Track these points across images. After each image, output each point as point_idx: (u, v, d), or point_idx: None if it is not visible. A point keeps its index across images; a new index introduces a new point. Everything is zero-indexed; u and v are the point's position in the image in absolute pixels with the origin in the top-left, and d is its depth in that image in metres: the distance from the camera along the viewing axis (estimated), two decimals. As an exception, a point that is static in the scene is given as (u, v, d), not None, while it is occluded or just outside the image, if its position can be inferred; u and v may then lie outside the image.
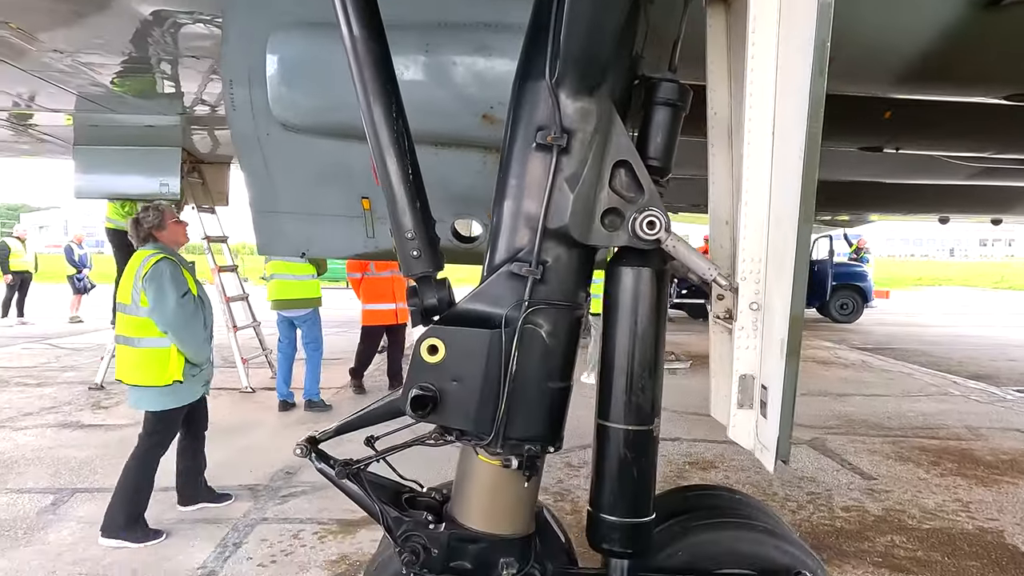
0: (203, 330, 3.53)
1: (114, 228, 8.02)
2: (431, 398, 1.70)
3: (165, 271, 3.42)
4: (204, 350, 3.56)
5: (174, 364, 3.43)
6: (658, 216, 1.69)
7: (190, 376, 3.52)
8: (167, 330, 3.39)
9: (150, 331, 3.42)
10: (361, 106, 1.79)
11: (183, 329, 3.40)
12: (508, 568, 1.77)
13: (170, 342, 3.41)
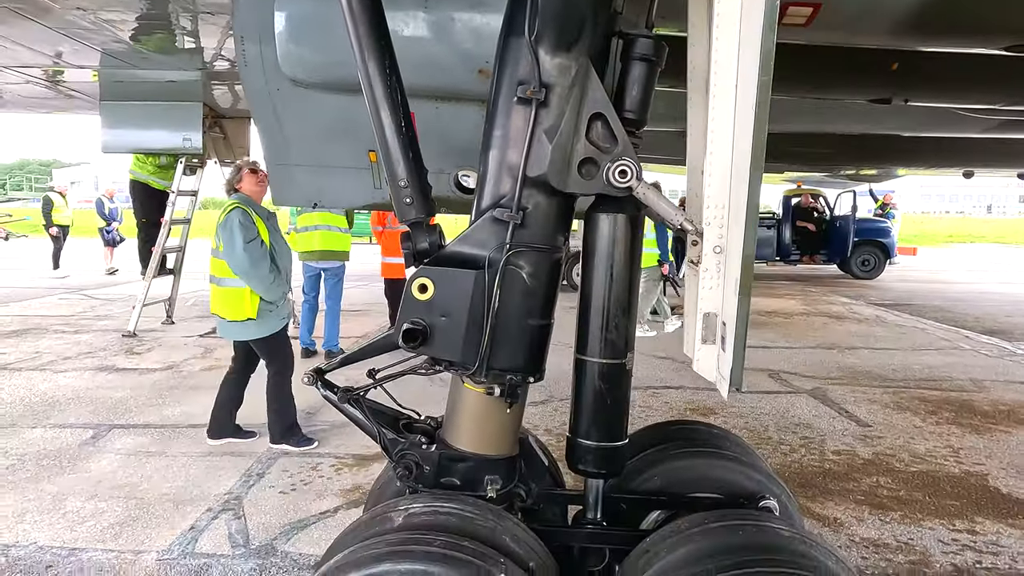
0: (269, 273, 3.83)
1: (134, 180, 8.28)
2: (421, 332, 1.88)
3: (234, 219, 3.80)
4: (272, 291, 3.87)
5: (248, 302, 3.83)
6: (630, 165, 1.82)
7: (266, 312, 3.90)
8: (236, 272, 3.80)
9: (230, 273, 3.84)
10: (357, 63, 1.92)
11: (250, 271, 3.77)
12: (492, 484, 1.97)
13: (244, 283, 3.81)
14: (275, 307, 3.95)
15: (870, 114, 6.05)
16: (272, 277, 3.86)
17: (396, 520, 1.77)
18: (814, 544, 1.73)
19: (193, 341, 7.19)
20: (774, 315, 9.38)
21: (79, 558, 2.83)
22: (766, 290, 12.42)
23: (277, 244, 3.97)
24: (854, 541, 3.05)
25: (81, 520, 3.16)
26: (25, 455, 3.94)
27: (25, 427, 4.42)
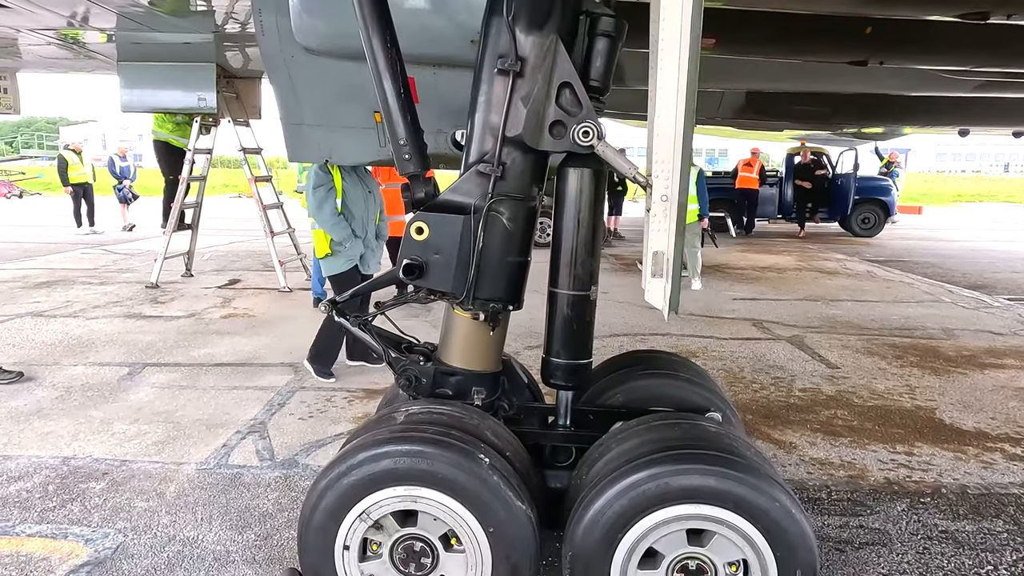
0: (331, 215, 4.29)
1: (156, 140, 8.66)
2: (418, 267, 2.25)
3: (313, 168, 4.31)
4: (334, 230, 4.31)
5: (324, 241, 4.36)
6: (592, 127, 2.15)
7: (336, 251, 4.38)
8: (308, 213, 4.40)
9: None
10: (362, 38, 2.25)
11: (315, 212, 4.30)
12: (479, 394, 2.37)
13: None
14: (342, 248, 4.37)
15: (859, 74, 6.26)
16: (333, 220, 4.29)
17: (398, 418, 2.18)
18: (738, 439, 2.13)
19: (212, 292, 7.63)
20: (767, 270, 9.70)
21: (130, 467, 3.29)
22: (764, 247, 12.71)
23: (351, 191, 4.36)
24: (803, 460, 3.47)
25: (128, 439, 3.62)
26: (71, 388, 4.41)
27: (67, 365, 4.88)
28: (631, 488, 1.91)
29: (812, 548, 1.89)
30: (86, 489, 3.07)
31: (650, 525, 1.91)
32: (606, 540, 1.93)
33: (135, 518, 2.83)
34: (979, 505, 3.03)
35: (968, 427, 3.92)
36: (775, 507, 1.87)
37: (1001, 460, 3.49)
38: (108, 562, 2.53)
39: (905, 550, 2.67)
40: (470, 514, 1.95)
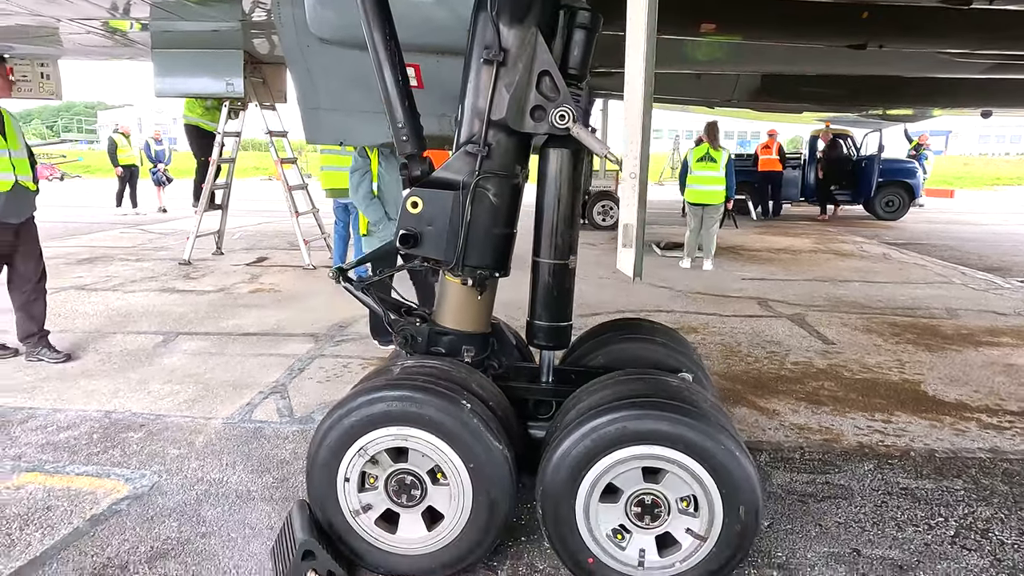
0: (364, 197, 4.57)
1: (187, 124, 9.08)
2: (412, 236, 2.52)
3: (354, 154, 4.62)
4: (370, 213, 4.62)
5: (363, 221, 4.70)
6: (568, 111, 2.38)
7: (371, 231, 4.66)
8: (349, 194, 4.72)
9: None
10: (364, 29, 2.51)
11: (353, 194, 4.62)
12: (468, 352, 2.63)
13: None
14: (377, 228, 4.63)
15: (870, 57, 6.33)
16: (367, 202, 4.58)
17: (395, 370, 2.47)
18: (696, 392, 2.37)
19: (241, 269, 8.03)
20: (782, 252, 9.79)
21: (164, 420, 3.65)
22: (783, 229, 12.74)
23: (387, 174, 4.60)
24: (783, 425, 3.68)
25: (162, 397, 3.99)
26: (111, 353, 4.81)
27: (108, 333, 5.29)
28: (593, 431, 2.17)
29: (754, 487, 2.13)
30: (125, 438, 3.44)
31: (609, 463, 2.17)
32: (571, 477, 2.19)
33: (168, 462, 3.19)
34: (943, 467, 3.22)
35: (950, 399, 4.09)
36: (720, 449, 2.11)
37: (975, 428, 3.67)
38: (145, 497, 2.88)
39: (864, 503, 2.89)
40: (453, 452, 2.22)
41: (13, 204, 4.33)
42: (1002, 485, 3.05)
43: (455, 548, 2.30)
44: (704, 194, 8.18)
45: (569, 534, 2.24)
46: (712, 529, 2.17)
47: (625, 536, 2.24)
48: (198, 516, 2.74)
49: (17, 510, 2.76)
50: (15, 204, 4.35)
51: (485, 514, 2.26)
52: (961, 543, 2.60)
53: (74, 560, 2.44)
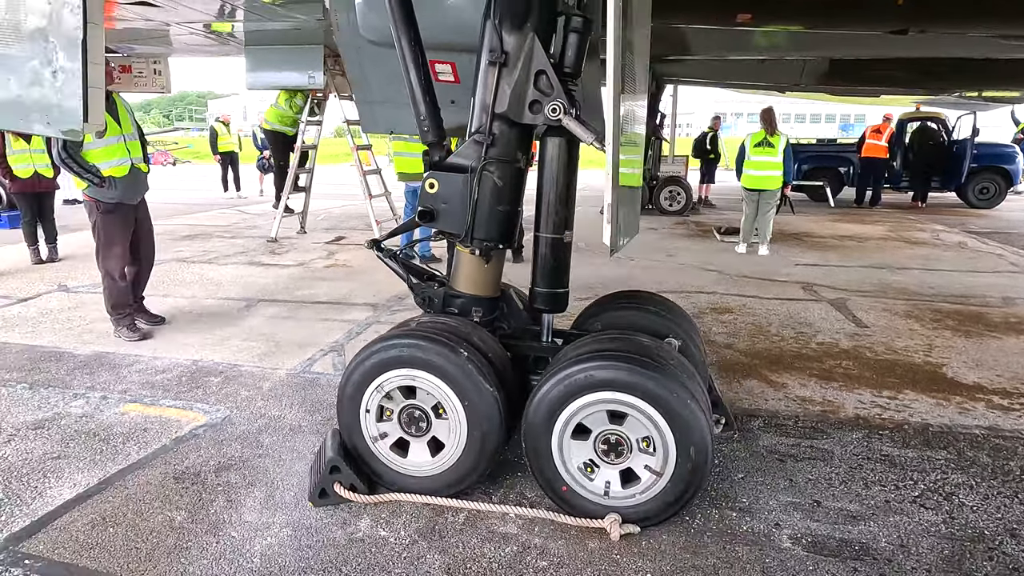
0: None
1: (268, 129, 10.05)
2: (429, 213, 2.97)
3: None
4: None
5: None
6: (559, 104, 2.73)
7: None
8: None
9: None
10: (392, 34, 2.96)
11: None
12: (477, 312, 3.06)
13: None
14: None
15: (929, 41, 6.25)
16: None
17: (412, 324, 2.94)
18: (666, 351, 2.71)
19: (320, 246, 8.81)
20: (848, 239, 9.63)
21: (239, 369, 4.32)
22: (859, 216, 12.40)
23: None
24: (787, 396, 3.91)
25: (239, 351, 4.67)
26: (202, 315, 5.58)
27: (202, 298, 6.10)
28: (566, 378, 2.55)
29: (703, 430, 2.46)
30: (207, 381, 4.11)
31: (579, 406, 2.55)
32: (547, 417, 2.59)
33: (239, 401, 3.82)
34: (932, 439, 3.38)
35: (968, 381, 4.16)
36: (673, 397, 2.45)
37: (982, 408, 3.76)
38: (218, 425, 3.51)
39: (841, 465, 3.12)
40: (452, 391, 2.67)
41: (132, 186, 4.74)
42: (986, 458, 3.19)
43: (454, 472, 2.76)
44: (760, 179, 8.22)
45: (546, 465, 2.64)
46: (667, 466, 2.52)
47: (595, 470, 2.63)
48: (258, 442, 3.33)
49: (121, 430, 3.45)
50: (133, 185, 4.75)
51: (478, 445, 2.70)
52: (922, 503, 2.81)
53: (161, 467, 3.08)
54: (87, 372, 4.25)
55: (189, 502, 2.79)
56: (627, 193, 2.79)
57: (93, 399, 3.83)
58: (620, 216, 2.70)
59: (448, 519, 2.69)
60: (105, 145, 4.51)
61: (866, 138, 14.27)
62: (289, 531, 2.60)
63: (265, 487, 2.92)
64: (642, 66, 3.04)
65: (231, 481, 2.97)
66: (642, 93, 3.04)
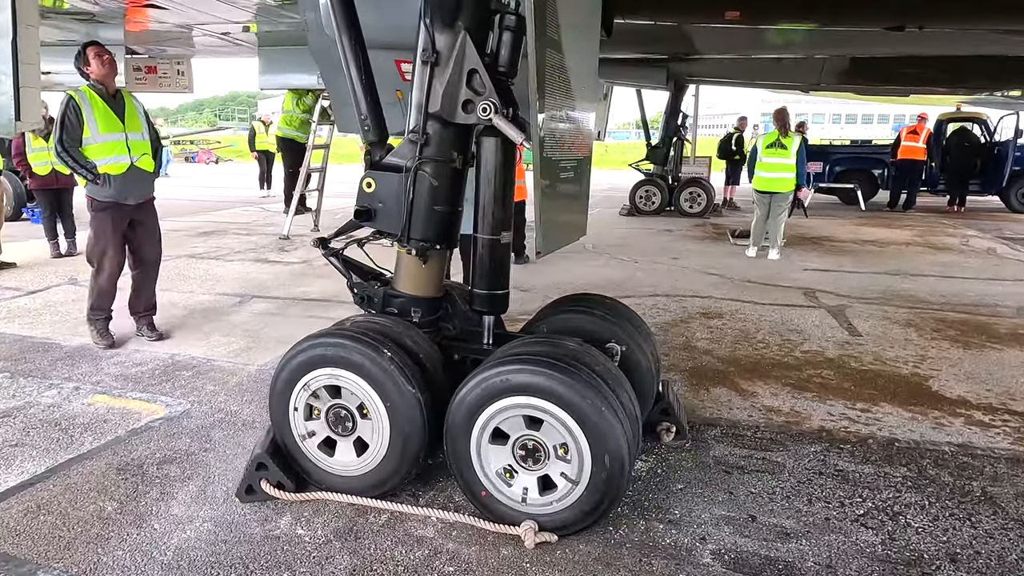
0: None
1: (280, 136, 10.31)
2: (366, 212, 2.97)
3: None
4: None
5: None
6: (490, 104, 2.69)
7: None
8: None
9: None
10: (335, 32, 2.96)
11: None
12: (416, 313, 3.04)
13: None
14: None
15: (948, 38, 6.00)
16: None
17: (347, 323, 2.94)
18: (593, 357, 2.64)
19: (328, 244, 8.92)
20: (868, 244, 9.29)
21: (212, 363, 4.40)
22: (887, 220, 11.97)
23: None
24: (752, 406, 3.78)
25: (218, 346, 4.76)
26: (195, 310, 5.71)
27: (199, 293, 6.25)
28: (483, 381, 2.52)
29: (618, 439, 2.39)
30: (178, 375, 4.20)
31: (495, 410, 2.51)
32: (466, 419, 2.56)
33: (202, 395, 3.89)
34: (894, 455, 3.22)
35: (952, 395, 3.95)
36: (587, 404, 2.39)
37: (959, 424, 3.57)
38: (175, 419, 3.58)
39: (789, 479, 3.00)
40: (374, 391, 2.66)
41: (129, 186, 4.52)
42: (948, 476, 3.03)
43: (377, 473, 2.74)
44: (772, 181, 8.00)
45: (466, 469, 2.61)
46: (582, 474, 2.45)
47: (513, 475, 2.58)
48: (208, 436, 3.39)
49: (83, 420, 3.55)
50: (131, 186, 4.53)
51: (400, 447, 2.68)
52: (864, 522, 2.68)
53: (108, 458, 3.16)
54: (69, 363, 4.39)
55: (124, 493, 2.85)
56: (562, 196, 2.74)
57: (66, 389, 3.96)
58: (551, 219, 2.64)
59: (369, 520, 2.68)
60: (103, 141, 4.42)
61: (901, 139, 13.75)
62: (210, 526, 2.63)
63: (201, 481, 2.96)
64: (586, 66, 2.97)
65: (170, 474, 3.02)
66: (586, 92, 2.97)
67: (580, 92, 2.89)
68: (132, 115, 4.61)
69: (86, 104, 4.38)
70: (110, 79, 4.51)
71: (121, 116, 4.54)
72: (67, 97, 4.36)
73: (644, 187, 12.52)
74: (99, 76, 4.45)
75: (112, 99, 4.52)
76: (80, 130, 4.37)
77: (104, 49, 4.48)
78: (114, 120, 4.49)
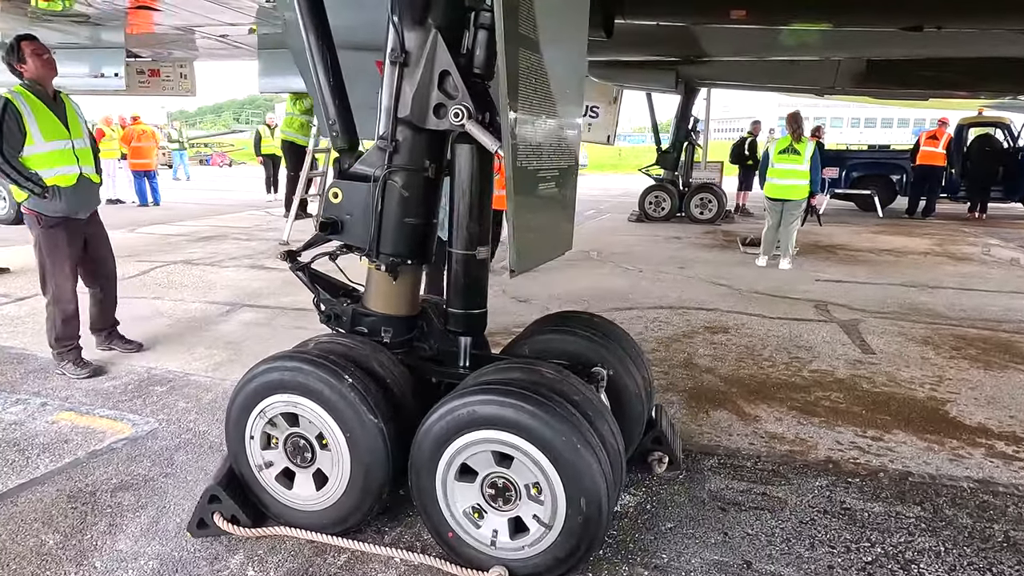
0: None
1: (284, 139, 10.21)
2: (332, 224, 2.76)
3: None
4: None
5: None
6: (462, 109, 2.47)
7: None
8: None
9: None
10: (301, 31, 2.76)
11: None
12: (387, 333, 2.83)
13: None
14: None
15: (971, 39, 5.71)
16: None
17: (309, 345, 2.73)
18: (571, 386, 2.41)
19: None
20: (885, 253, 8.96)
21: (189, 378, 4.21)
22: (907, 228, 11.60)
23: None
24: (755, 432, 3.52)
25: (199, 359, 4.58)
26: (181, 319, 5.54)
27: (188, 302, 6.08)
28: (449, 412, 2.29)
29: (596, 479, 2.16)
30: (151, 390, 4.02)
31: (462, 444, 2.28)
32: (431, 453, 2.34)
33: (173, 413, 3.70)
34: (907, 491, 2.95)
35: (972, 422, 3.67)
36: (561, 440, 2.16)
37: (979, 456, 3.29)
38: (140, 439, 3.39)
39: (790, 518, 2.74)
40: (333, 420, 2.44)
41: (80, 198, 4.12)
42: (966, 518, 2.75)
43: (337, 509, 2.53)
44: (784, 189, 7.71)
45: (432, 507, 2.38)
46: (556, 518, 2.22)
47: (482, 515, 2.35)
48: (170, 460, 3.19)
49: (43, 440, 3.37)
50: (82, 198, 4.14)
51: (361, 481, 2.46)
52: (872, 571, 2.42)
53: (61, 483, 2.97)
54: (41, 376, 4.23)
55: (70, 525, 2.66)
56: (541, 209, 2.51)
57: (32, 405, 3.79)
58: (526, 234, 2.41)
59: (328, 560, 2.47)
60: (50, 150, 3.96)
61: (921, 144, 13.36)
62: (156, 564, 2.43)
63: (155, 511, 2.76)
64: (570, 68, 2.74)
65: (123, 503, 2.82)
66: (571, 95, 2.74)
67: (563, 96, 2.65)
68: (74, 120, 4.14)
69: (26, 108, 3.87)
70: (48, 80, 4.02)
71: (64, 121, 4.06)
72: (2, 100, 3.83)
73: (654, 193, 12.25)
74: (37, 75, 3.95)
75: (53, 102, 4.04)
76: (22, 138, 3.87)
77: (42, 46, 4.01)
78: (58, 126, 4.02)
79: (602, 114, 12.33)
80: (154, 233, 10.12)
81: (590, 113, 12.32)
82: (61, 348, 4.23)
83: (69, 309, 4.22)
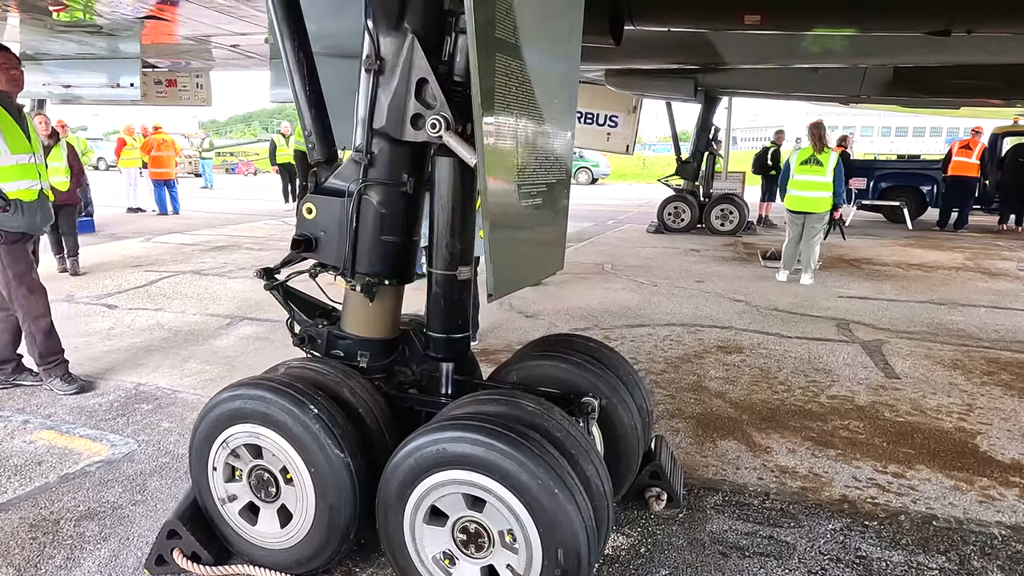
0: None
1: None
2: (305, 241, 2.59)
3: None
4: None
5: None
6: (440, 119, 2.29)
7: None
8: None
9: None
10: (278, 40, 2.62)
11: None
12: (363, 358, 2.65)
13: None
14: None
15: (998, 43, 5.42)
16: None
17: (279, 371, 2.57)
18: (552, 421, 2.20)
19: (337, 261, 8.65)
20: (914, 268, 8.58)
21: (177, 396, 4.09)
22: (938, 241, 11.17)
23: None
24: (764, 465, 3.27)
25: (190, 375, 4.45)
26: (180, 331, 5.44)
27: (189, 313, 5.99)
28: (417, 449, 2.10)
29: (575, 528, 1.95)
30: (137, 408, 3.90)
31: (431, 485, 2.09)
32: (399, 493, 2.15)
33: (154, 434, 3.57)
34: (932, 538, 2.68)
35: (1005, 458, 3.37)
36: (536, 484, 1.95)
37: (1013, 497, 3.00)
38: (116, 462, 3.25)
39: (799, 566, 2.50)
40: (296, 454, 2.27)
41: (40, 214, 4.02)
42: (997, 572, 2.48)
43: (302, 548, 2.35)
44: (806, 201, 7.41)
45: (399, 552, 2.20)
46: (531, 569, 2.02)
47: (453, 563, 2.16)
48: (142, 486, 3.05)
49: (17, 461, 3.26)
50: (42, 214, 4.05)
51: (327, 519, 2.28)
52: (888, 633, 2.17)
53: (26, 510, 2.84)
54: (28, 391, 4.14)
55: (26, 558, 2.52)
56: (524, 228, 2.32)
57: (13, 423, 3.68)
58: (505, 256, 2.22)
59: (290, 604, 2.29)
60: (16, 163, 3.83)
61: (953, 154, 12.90)
62: (107, 605, 2.27)
63: (116, 543, 2.61)
64: (559, 76, 2.55)
65: (86, 533, 2.68)
66: (560, 105, 2.55)
67: (551, 105, 2.46)
68: (34, 135, 4.04)
69: None
70: (15, 94, 3.93)
71: (27, 135, 3.96)
72: None
73: (673, 203, 11.98)
74: (5, 88, 3.85)
75: (18, 115, 3.93)
76: None
77: (14, 59, 3.91)
78: (23, 139, 3.91)
79: (621, 123, 12.12)
80: (168, 243, 10.13)
81: (609, 122, 12.13)
82: (47, 364, 4.12)
83: (44, 324, 4.13)
